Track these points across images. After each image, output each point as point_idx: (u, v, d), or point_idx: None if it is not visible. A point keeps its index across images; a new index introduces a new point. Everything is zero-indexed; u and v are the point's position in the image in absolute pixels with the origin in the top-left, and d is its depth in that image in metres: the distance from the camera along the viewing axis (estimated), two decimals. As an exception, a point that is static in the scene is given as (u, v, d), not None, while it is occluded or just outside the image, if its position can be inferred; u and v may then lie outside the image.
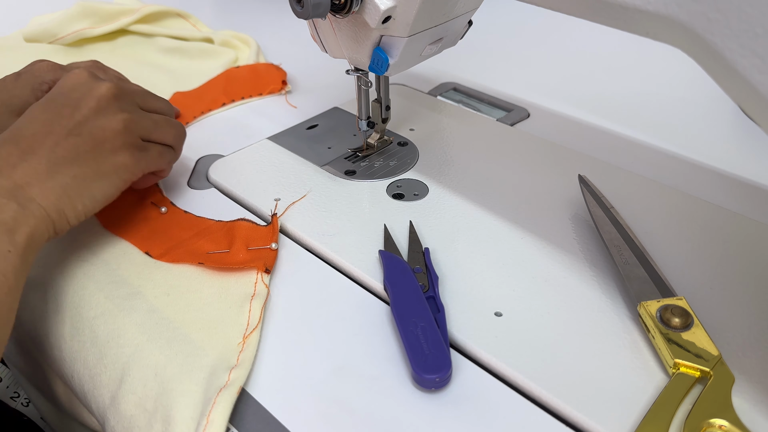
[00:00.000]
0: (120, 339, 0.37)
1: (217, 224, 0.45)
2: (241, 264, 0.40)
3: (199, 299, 0.39)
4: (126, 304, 0.39)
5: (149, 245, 0.43)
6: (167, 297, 0.39)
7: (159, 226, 0.45)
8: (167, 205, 0.47)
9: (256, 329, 0.36)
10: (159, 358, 0.35)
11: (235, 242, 0.42)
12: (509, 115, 0.59)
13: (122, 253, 0.43)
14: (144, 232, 0.45)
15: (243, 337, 0.36)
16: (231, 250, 0.42)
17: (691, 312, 0.35)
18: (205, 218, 0.46)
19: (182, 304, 0.39)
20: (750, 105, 0.26)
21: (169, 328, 0.37)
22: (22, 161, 0.37)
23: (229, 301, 0.39)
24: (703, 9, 0.25)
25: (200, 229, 0.44)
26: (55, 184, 0.38)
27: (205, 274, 0.41)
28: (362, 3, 0.39)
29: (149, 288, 0.40)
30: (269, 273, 0.40)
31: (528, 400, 0.33)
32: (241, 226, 0.43)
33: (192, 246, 0.43)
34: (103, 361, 0.37)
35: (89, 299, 0.40)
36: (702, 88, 0.63)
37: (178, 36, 0.73)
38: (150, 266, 0.42)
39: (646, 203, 0.46)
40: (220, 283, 0.40)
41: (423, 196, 0.47)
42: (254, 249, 0.42)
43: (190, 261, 0.41)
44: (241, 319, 0.37)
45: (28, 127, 0.39)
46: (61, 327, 0.40)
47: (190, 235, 0.44)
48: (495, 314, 0.37)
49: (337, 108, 0.60)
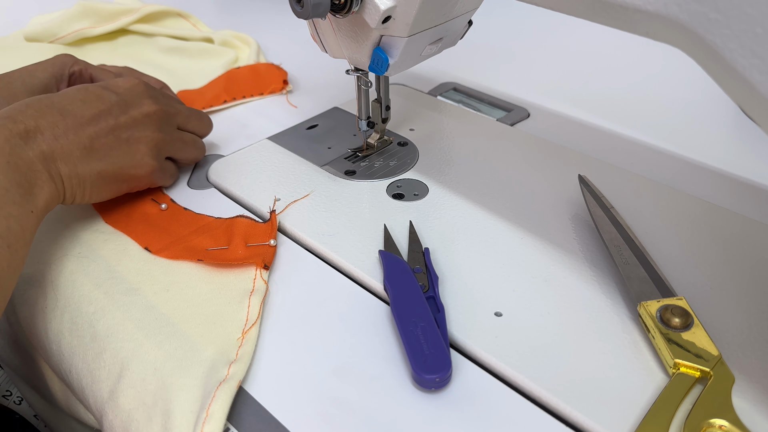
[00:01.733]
0: (119, 335, 0.37)
1: (217, 221, 0.45)
2: (240, 260, 0.41)
3: (198, 295, 0.39)
4: (125, 300, 0.39)
5: (149, 240, 0.43)
6: (166, 293, 0.39)
7: (159, 222, 0.45)
8: (167, 201, 0.47)
9: (255, 324, 0.36)
10: (158, 354, 0.36)
11: (234, 238, 0.43)
12: (509, 115, 0.59)
13: (122, 249, 0.43)
14: (144, 227, 0.45)
15: (242, 332, 0.36)
16: (230, 246, 0.42)
17: (691, 312, 0.35)
18: (205, 215, 0.46)
19: (181, 300, 0.39)
20: (750, 105, 0.26)
21: (168, 324, 0.37)
22: (64, 136, 0.41)
23: (227, 297, 0.39)
24: (703, 9, 0.25)
25: (199, 226, 0.45)
26: (81, 171, 0.41)
27: (203, 271, 0.41)
28: (362, 3, 0.39)
29: (148, 284, 0.40)
30: (268, 269, 0.40)
31: (528, 400, 0.33)
32: (240, 223, 0.44)
33: (191, 242, 0.43)
34: (102, 356, 0.37)
35: (88, 295, 0.40)
36: (702, 88, 0.63)
37: (179, 36, 0.74)
38: (149, 262, 0.42)
39: (646, 203, 0.46)
40: (219, 279, 0.40)
41: (423, 196, 0.47)
42: (253, 245, 0.42)
43: (189, 258, 0.41)
44: (240, 314, 0.37)
45: (78, 105, 0.42)
46: (60, 322, 0.40)
47: (190, 231, 0.44)
48: (495, 314, 0.37)
49: (337, 108, 0.60)
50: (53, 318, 0.40)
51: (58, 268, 0.42)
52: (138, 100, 0.45)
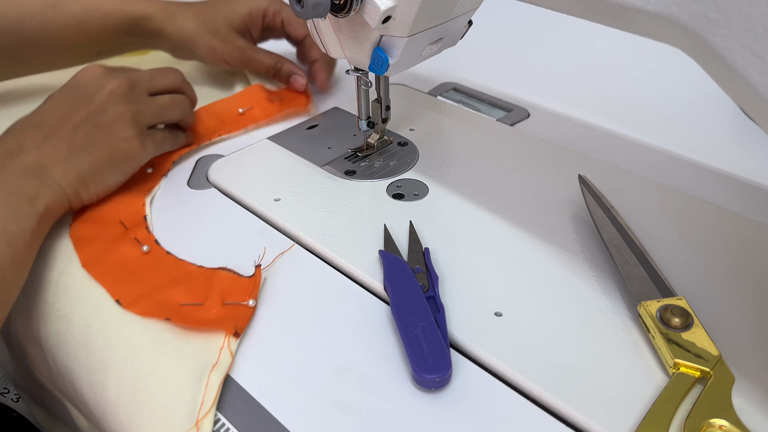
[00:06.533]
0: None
1: (197, 270, 0.41)
2: (211, 324, 0.37)
3: (161, 367, 0.36)
4: (98, 376, 0.38)
5: (121, 291, 0.40)
6: (132, 363, 0.37)
7: (136, 269, 0.42)
8: (150, 243, 0.44)
9: (211, 411, 0.32)
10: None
11: (211, 295, 0.39)
12: (509, 115, 0.59)
13: (95, 304, 0.41)
14: (119, 274, 0.42)
15: (195, 421, 0.32)
16: (205, 303, 0.39)
17: (691, 312, 0.35)
18: (186, 262, 0.42)
19: (145, 371, 0.36)
20: (750, 105, 0.26)
21: (135, 402, 0.35)
22: (45, 144, 0.43)
23: (189, 371, 0.35)
24: (703, 9, 0.25)
25: (178, 274, 0.41)
26: (73, 167, 0.43)
27: (170, 332, 0.38)
28: (362, 3, 0.39)
29: (118, 351, 0.38)
30: (238, 337, 0.36)
31: (528, 400, 0.33)
32: (221, 277, 0.40)
33: (164, 295, 0.40)
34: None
35: (66, 358, 0.40)
36: (702, 88, 0.63)
37: None
38: (119, 321, 0.39)
39: (646, 203, 0.46)
40: (184, 346, 0.37)
41: (423, 196, 0.47)
42: (230, 304, 0.38)
43: (158, 315, 0.38)
44: (197, 396, 0.33)
45: (49, 114, 0.45)
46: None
47: (167, 281, 0.41)
48: (495, 314, 0.37)
49: (337, 108, 0.60)
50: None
51: (46, 326, 0.42)
52: (98, 83, 0.46)
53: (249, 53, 0.60)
